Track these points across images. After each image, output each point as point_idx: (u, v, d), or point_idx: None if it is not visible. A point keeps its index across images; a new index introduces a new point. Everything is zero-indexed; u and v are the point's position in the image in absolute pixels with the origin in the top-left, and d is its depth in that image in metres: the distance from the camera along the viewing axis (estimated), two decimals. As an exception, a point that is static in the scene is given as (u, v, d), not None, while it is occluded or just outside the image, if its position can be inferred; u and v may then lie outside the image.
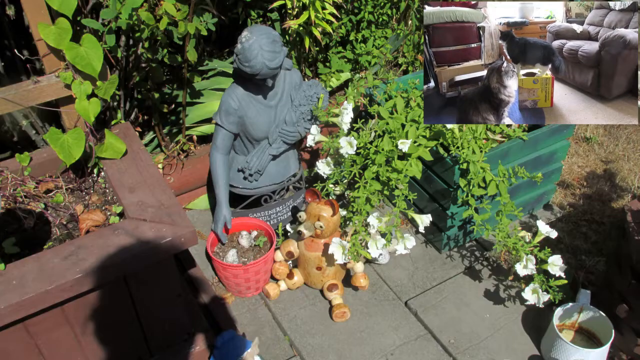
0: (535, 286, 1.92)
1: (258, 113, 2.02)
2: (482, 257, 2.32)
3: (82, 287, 1.35)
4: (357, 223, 1.95)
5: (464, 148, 1.97)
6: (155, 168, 1.67)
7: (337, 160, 2.10)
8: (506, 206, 1.98)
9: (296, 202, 2.34)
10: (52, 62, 1.61)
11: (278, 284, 2.15)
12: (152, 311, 1.58)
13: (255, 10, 2.68)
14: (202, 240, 2.35)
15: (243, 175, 2.14)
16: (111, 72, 1.75)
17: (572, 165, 2.83)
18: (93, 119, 1.61)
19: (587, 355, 1.81)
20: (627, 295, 1.88)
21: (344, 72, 2.81)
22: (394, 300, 2.15)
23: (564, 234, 2.42)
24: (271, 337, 2.02)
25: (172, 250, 1.45)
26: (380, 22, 2.90)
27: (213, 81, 2.49)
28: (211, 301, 2.03)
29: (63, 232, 1.56)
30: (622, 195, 2.65)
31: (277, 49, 1.86)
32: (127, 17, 1.74)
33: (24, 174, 1.63)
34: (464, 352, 1.97)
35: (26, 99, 1.60)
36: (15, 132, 2.20)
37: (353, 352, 1.97)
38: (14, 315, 1.29)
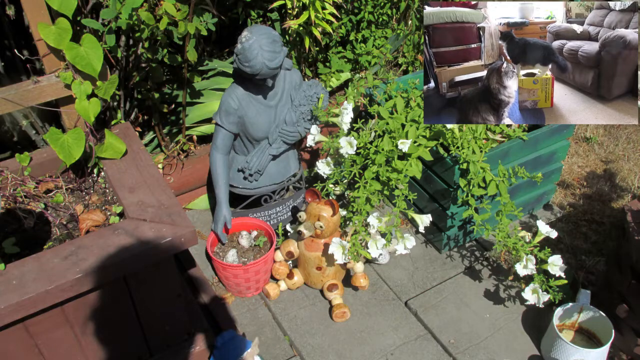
0: (535, 286, 1.92)
1: (258, 113, 2.02)
2: (482, 257, 2.32)
3: (82, 287, 1.35)
4: (357, 223, 1.95)
5: (464, 148, 1.97)
6: (155, 168, 1.67)
7: (337, 160, 2.10)
8: (506, 206, 1.98)
9: (296, 202, 2.34)
10: (52, 62, 1.61)
11: (278, 284, 2.15)
12: (152, 311, 1.58)
13: (255, 10, 2.68)
14: (202, 240, 2.35)
15: (243, 175, 2.14)
16: (111, 72, 1.75)
17: (572, 165, 2.83)
18: (93, 119, 1.61)
19: (587, 355, 1.81)
20: (627, 295, 1.88)
21: (344, 72, 2.81)
22: (394, 300, 2.15)
23: (564, 234, 2.42)
24: (271, 337, 2.02)
25: (172, 250, 1.45)
26: (380, 22, 2.90)
27: (213, 81, 2.49)
28: (211, 301, 2.03)
29: (63, 232, 1.56)
30: (622, 195, 2.65)
31: (277, 49, 1.86)
32: (127, 17, 1.74)
33: (24, 174, 1.63)
34: (464, 352, 1.97)
35: (26, 99, 1.59)
36: (15, 132, 2.20)
37: (353, 352, 1.97)
38: (14, 315, 1.29)
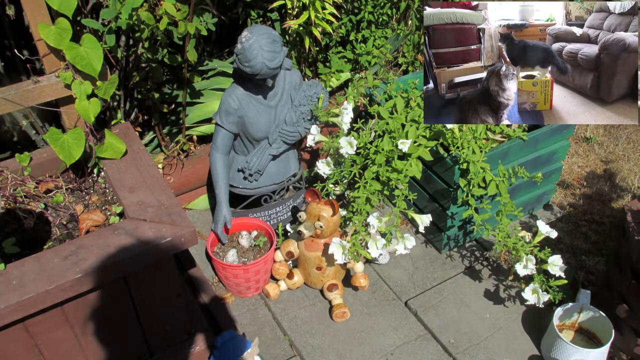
0: (535, 286, 1.92)
1: (258, 113, 2.02)
2: (482, 257, 2.32)
3: (82, 287, 1.35)
4: (357, 223, 1.95)
5: (464, 148, 1.97)
6: (155, 168, 1.67)
7: (337, 160, 2.10)
8: (506, 206, 1.98)
9: (296, 202, 2.34)
10: (52, 62, 1.61)
11: (278, 284, 2.15)
12: (152, 311, 1.58)
13: (255, 10, 2.68)
14: (202, 240, 2.35)
15: (243, 175, 2.14)
16: (111, 72, 1.75)
17: (572, 165, 2.83)
18: (93, 119, 1.61)
19: (587, 355, 1.81)
20: (627, 295, 1.88)
21: (344, 72, 2.81)
22: (394, 300, 2.15)
23: (564, 234, 2.42)
24: (271, 337, 2.02)
25: (172, 250, 1.45)
26: (380, 22, 2.90)
27: (213, 81, 2.49)
28: (211, 301, 2.03)
29: (63, 232, 1.56)
30: (622, 195, 2.65)
31: (277, 49, 1.86)
32: (127, 17, 1.74)
33: (24, 174, 1.63)
34: (464, 352, 1.97)
35: (26, 99, 1.59)
36: (15, 132, 2.20)
37: (353, 352, 1.97)
38: (14, 315, 1.29)
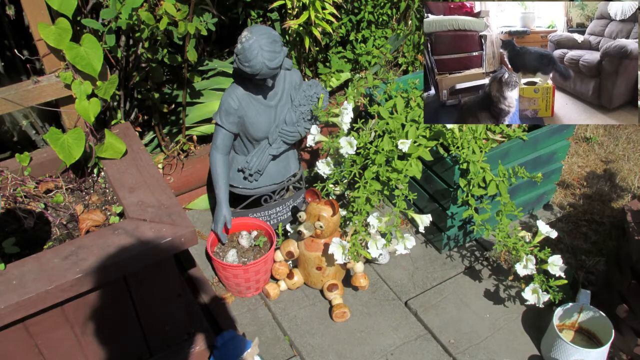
0: (535, 286, 1.92)
1: (258, 113, 2.02)
2: (482, 257, 2.32)
3: (82, 287, 1.35)
4: (357, 223, 1.95)
5: (464, 148, 1.97)
6: (155, 168, 1.67)
7: (337, 160, 2.10)
8: (506, 206, 1.98)
9: (296, 202, 2.34)
10: (52, 62, 1.61)
11: (278, 284, 2.15)
12: (152, 311, 1.58)
13: (255, 10, 2.68)
14: (202, 240, 2.35)
15: (243, 175, 2.14)
16: (111, 72, 1.75)
17: (572, 165, 2.83)
18: (93, 119, 1.61)
19: (587, 355, 1.81)
20: (627, 295, 1.88)
21: (344, 72, 2.81)
22: (394, 300, 2.15)
23: (564, 234, 2.41)
24: (271, 337, 2.02)
25: (172, 250, 1.45)
26: (380, 22, 2.90)
27: (213, 81, 2.49)
28: (211, 301, 2.03)
29: (63, 232, 1.56)
30: (622, 195, 2.65)
31: (277, 49, 1.86)
32: (127, 17, 1.74)
33: (24, 174, 1.63)
34: (464, 352, 1.97)
35: (26, 99, 1.59)
36: (15, 132, 2.20)
37: (353, 352, 1.97)
38: (14, 315, 1.29)
